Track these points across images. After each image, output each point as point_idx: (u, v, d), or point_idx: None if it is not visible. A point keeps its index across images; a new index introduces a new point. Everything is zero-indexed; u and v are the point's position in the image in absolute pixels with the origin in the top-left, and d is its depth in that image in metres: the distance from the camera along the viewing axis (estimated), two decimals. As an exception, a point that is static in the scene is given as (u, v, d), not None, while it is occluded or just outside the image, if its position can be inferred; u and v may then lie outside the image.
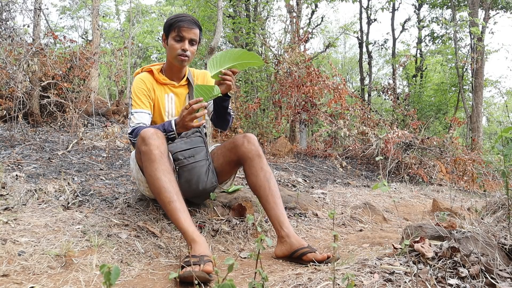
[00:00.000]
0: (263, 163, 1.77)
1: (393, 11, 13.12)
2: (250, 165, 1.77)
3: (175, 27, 1.82)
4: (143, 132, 1.60)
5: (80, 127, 4.14)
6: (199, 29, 1.87)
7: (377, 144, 4.99)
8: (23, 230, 1.57)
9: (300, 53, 6.14)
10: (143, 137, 1.59)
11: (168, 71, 1.96)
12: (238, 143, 1.80)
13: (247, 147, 1.77)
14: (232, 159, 1.86)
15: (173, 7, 17.58)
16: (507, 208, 1.47)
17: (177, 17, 1.84)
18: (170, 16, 1.89)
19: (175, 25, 1.82)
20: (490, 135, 20.82)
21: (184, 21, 1.82)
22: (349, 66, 21.89)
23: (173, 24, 1.83)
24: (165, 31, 1.88)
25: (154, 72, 1.93)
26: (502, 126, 10.94)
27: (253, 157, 1.76)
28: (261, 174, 1.75)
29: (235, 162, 1.87)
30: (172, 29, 1.83)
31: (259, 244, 0.95)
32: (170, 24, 1.84)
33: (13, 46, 4.24)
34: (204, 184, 1.82)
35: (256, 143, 1.79)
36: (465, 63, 10.01)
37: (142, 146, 1.59)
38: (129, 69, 8.64)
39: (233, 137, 1.85)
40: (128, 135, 1.79)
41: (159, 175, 1.54)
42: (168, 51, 1.87)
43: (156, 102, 1.92)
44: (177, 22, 1.82)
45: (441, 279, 1.10)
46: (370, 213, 2.59)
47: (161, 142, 1.60)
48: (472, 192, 4.51)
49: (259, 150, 1.78)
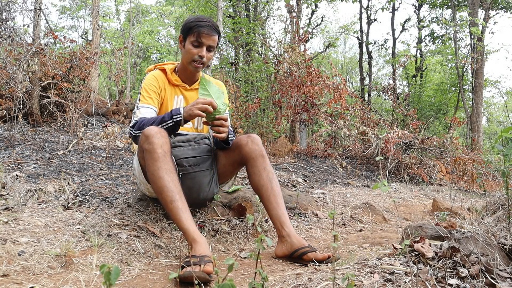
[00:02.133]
0: (266, 163, 1.77)
1: (393, 11, 13.13)
2: (253, 165, 1.77)
3: (195, 31, 1.78)
4: (147, 131, 1.59)
5: (80, 127, 4.14)
6: (218, 35, 1.85)
7: (377, 144, 4.99)
8: (23, 230, 1.57)
9: (300, 53, 6.14)
10: (147, 136, 1.58)
11: (181, 72, 1.94)
12: (242, 143, 1.80)
13: (251, 147, 1.77)
14: (235, 159, 1.86)
15: (173, 7, 17.58)
16: (507, 208, 1.47)
17: (198, 21, 1.79)
18: (190, 18, 1.84)
19: (195, 30, 1.78)
20: (490, 135, 20.82)
21: (205, 27, 1.78)
22: (349, 66, 21.90)
23: (193, 28, 1.79)
24: (183, 32, 1.84)
25: (167, 72, 1.92)
26: (502, 126, 10.93)
27: (256, 157, 1.77)
28: (263, 174, 1.75)
29: (238, 162, 1.87)
30: (191, 33, 1.80)
31: (259, 244, 0.95)
32: (190, 27, 1.80)
33: (13, 46, 4.24)
34: (205, 194, 1.83)
35: (260, 143, 1.80)
36: (465, 63, 10.01)
37: (145, 144, 1.58)
38: (129, 69, 8.65)
39: (237, 137, 1.85)
40: (129, 128, 1.77)
41: (161, 174, 1.54)
42: (184, 54, 1.85)
43: (165, 102, 1.91)
44: (198, 26, 1.78)
45: (441, 279, 1.10)
46: (370, 213, 2.59)
47: (164, 141, 1.59)
48: (472, 192, 4.51)
49: (263, 151, 1.79)
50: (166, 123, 1.67)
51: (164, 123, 1.67)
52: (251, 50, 8.77)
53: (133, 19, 15.29)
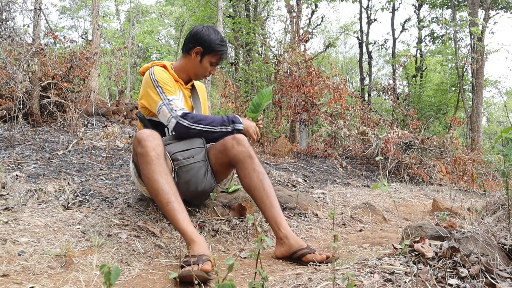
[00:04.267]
0: (255, 164, 1.73)
1: (393, 11, 13.13)
2: (242, 167, 1.74)
3: (219, 54, 1.93)
4: (139, 134, 1.60)
5: (80, 127, 4.14)
6: None
7: (377, 144, 4.99)
8: (23, 230, 1.57)
9: (300, 53, 6.14)
10: (139, 139, 1.58)
11: (179, 73, 1.98)
12: (228, 145, 1.76)
13: (237, 149, 1.73)
14: (224, 161, 1.82)
15: (173, 7, 17.57)
16: (507, 208, 1.47)
17: (223, 45, 1.93)
18: (214, 37, 1.91)
19: (219, 53, 1.92)
20: (490, 135, 20.82)
21: (226, 52, 1.97)
22: (349, 66, 21.90)
23: (218, 51, 1.92)
24: (203, 47, 1.90)
25: (168, 68, 1.95)
26: (502, 126, 10.93)
27: (244, 158, 1.73)
28: (254, 175, 1.72)
29: (227, 164, 1.84)
30: (215, 54, 1.92)
31: (259, 244, 0.95)
32: (216, 50, 1.91)
33: (13, 46, 4.23)
34: (202, 186, 1.80)
35: (246, 144, 1.75)
36: (465, 63, 10.01)
37: (138, 148, 1.58)
38: (129, 69, 8.65)
39: (223, 139, 1.80)
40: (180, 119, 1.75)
41: (156, 177, 1.54)
42: (199, 68, 1.95)
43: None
44: (223, 52, 1.94)
45: (441, 279, 1.10)
46: (370, 213, 2.59)
47: (157, 143, 1.59)
48: (472, 192, 4.51)
49: (250, 151, 1.74)
50: (226, 128, 1.80)
51: (224, 127, 1.80)
52: (251, 50, 8.77)
53: (133, 19, 15.29)
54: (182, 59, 1.98)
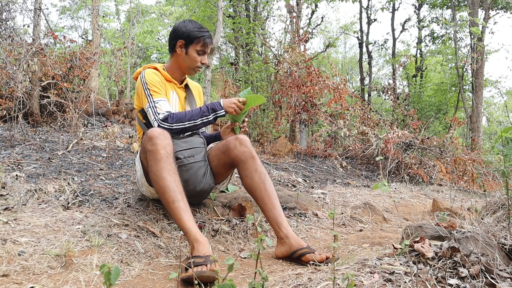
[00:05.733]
0: (257, 164, 1.75)
1: (393, 11, 13.12)
2: (244, 168, 1.76)
3: (201, 41, 1.91)
4: (150, 132, 1.61)
5: (80, 127, 4.14)
6: None
7: (377, 144, 4.99)
8: (23, 230, 1.57)
9: (300, 53, 6.14)
10: (150, 137, 1.60)
11: (172, 73, 1.99)
12: (231, 146, 1.78)
13: (240, 150, 1.76)
14: (226, 161, 1.84)
15: (173, 7, 17.57)
16: (507, 208, 1.47)
17: (202, 31, 1.91)
18: (189, 26, 1.91)
19: (201, 40, 1.91)
20: (490, 135, 20.81)
21: (209, 37, 1.93)
22: (349, 66, 21.89)
23: (199, 38, 1.90)
24: (185, 39, 1.91)
25: (160, 70, 1.97)
26: (502, 126, 10.93)
27: (246, 159, 1.75)
28: (255, 176, 1.73)
29: (229, 165, 1.86)
30: (197, 42, 1.91)
31: (259, 244, 0.95)
32: (196, 37, 1.90)
33: (13, 46, 4.23)
34: (201, 185, 1.81)
35: (249, 144, 1.78)
36: (465, 63, 10.01)
37: (149, 145, 1.59)
38: (129, 69, 8.65)
39: (226, 140, 1.83)
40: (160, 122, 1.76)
41: (164, 174, 1.55)
42: (187, 60, 1.93)
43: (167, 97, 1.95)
44: (205, 37, 1.91)
45: (441, 279, 1.10)
46: (370, 213, 2.59)
47: (167, 142, 1.60)
48: (472, 192, 4.51)
49: (252, 152, 1.77)
50: (207, 118, 1.78)
51: (205, 117, 1.78)
52: (251, 50, 8.77)
53: (133, 19, 15.29)
54: (171, 59, 2.00)
